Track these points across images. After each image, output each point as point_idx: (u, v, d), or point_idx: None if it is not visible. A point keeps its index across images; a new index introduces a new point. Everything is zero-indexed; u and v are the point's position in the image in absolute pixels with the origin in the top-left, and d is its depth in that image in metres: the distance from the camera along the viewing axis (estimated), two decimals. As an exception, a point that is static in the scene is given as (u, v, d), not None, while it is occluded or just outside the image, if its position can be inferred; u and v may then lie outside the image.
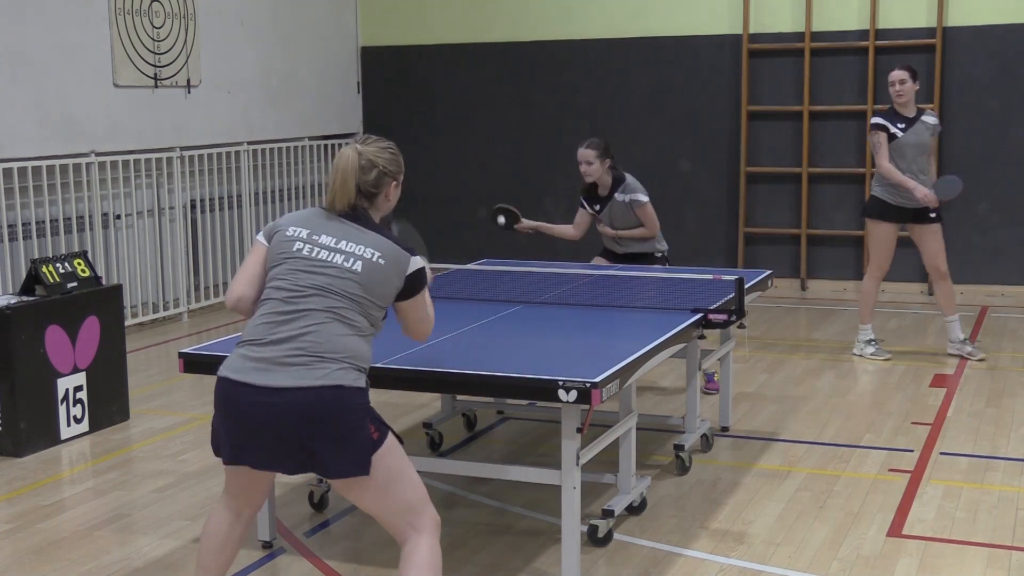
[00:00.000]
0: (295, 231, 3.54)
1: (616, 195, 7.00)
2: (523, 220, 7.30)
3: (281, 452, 3.41)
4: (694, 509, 5.14)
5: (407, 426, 6.45)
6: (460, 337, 4.87)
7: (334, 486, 3.52)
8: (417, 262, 3.58)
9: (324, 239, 3.50)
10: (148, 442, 6.29)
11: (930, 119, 7.74)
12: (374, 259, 3.48)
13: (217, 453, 3.57)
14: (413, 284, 3.57)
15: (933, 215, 7.75)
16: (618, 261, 7.14)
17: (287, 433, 3.36)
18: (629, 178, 7.03)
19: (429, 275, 3.88)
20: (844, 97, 10.48)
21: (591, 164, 6.96)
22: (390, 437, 3.48)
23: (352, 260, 3.47)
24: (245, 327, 3.54)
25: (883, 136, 7.59)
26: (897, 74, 7.65)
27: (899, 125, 7.62)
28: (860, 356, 7.92)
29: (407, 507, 3.49)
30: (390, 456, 3.46)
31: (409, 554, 3.50)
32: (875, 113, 7.93)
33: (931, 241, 7.80)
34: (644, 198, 6.96)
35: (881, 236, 7.85)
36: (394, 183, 3.64)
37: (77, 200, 8.74)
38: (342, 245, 3.49)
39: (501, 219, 7.28)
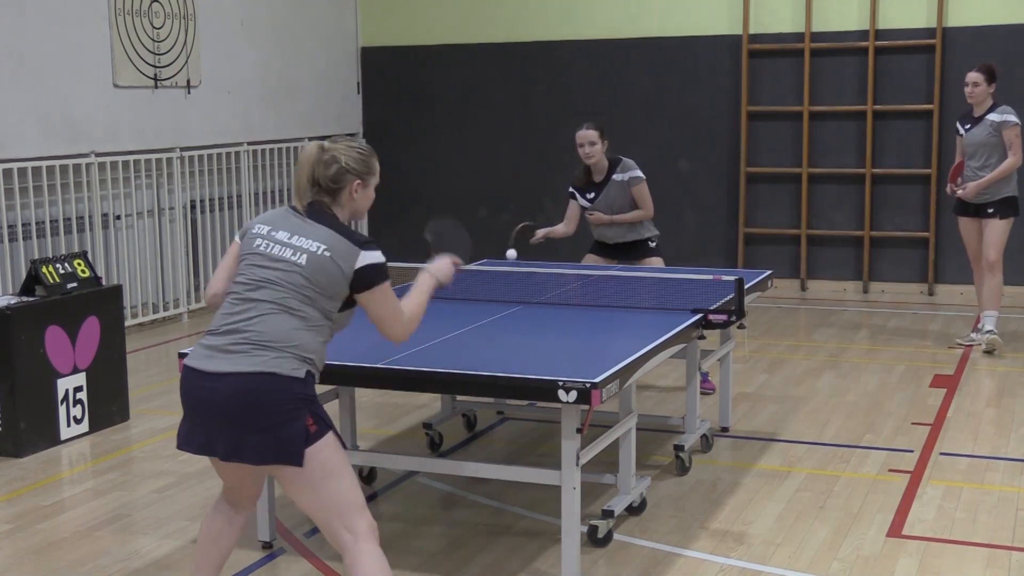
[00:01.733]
0: (260, 228, 3.64)
1: (614, 176, 6.97)
2: (537, 232, 7.26)
3: (215, 435, 3.47)
4: (694, 509, 5.14)
5: (407, 426, 6.46)
6: (460, 337, 4.88)
7: (275, 476, 3.54)
8: (368, 257, 3.56)
9: (280, 235, 3.59)
10: (148, 442, 6.29)
11: (995, 117, 7.92)
12: (319, 252, 3.53)
13: (178, 444, 3.63)
14: (364, 278, 3.56)
15: (991, 211, 8.05)
16: (611, 252, 7.10)
17: (220, 416, 3.44)
18: (625, 158, 7.02)
19: (447, 271, 3.90)
20: (844, 97, 10.48)
21: (594, 144, 6.92)
22: (330, 435, 3.50)
23: (299, 254, 3.54)
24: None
25: (957, 137, 8.19)
26: (970, 76, 7.98)
27: (966, 125, 8.07)
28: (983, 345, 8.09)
29: (341, 508, 3.49)
30: (326, 452, 3.47)
31: (352, 564, 3.49)
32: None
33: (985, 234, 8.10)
34: (642, 175, 6.95)
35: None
36: (358, 182, 3.65)
37: (77, 200, 8.74)
38: (293, 240, 3.57)
39: (511, 253, 6.83)
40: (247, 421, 3.42)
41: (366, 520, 3.52)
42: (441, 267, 3.93)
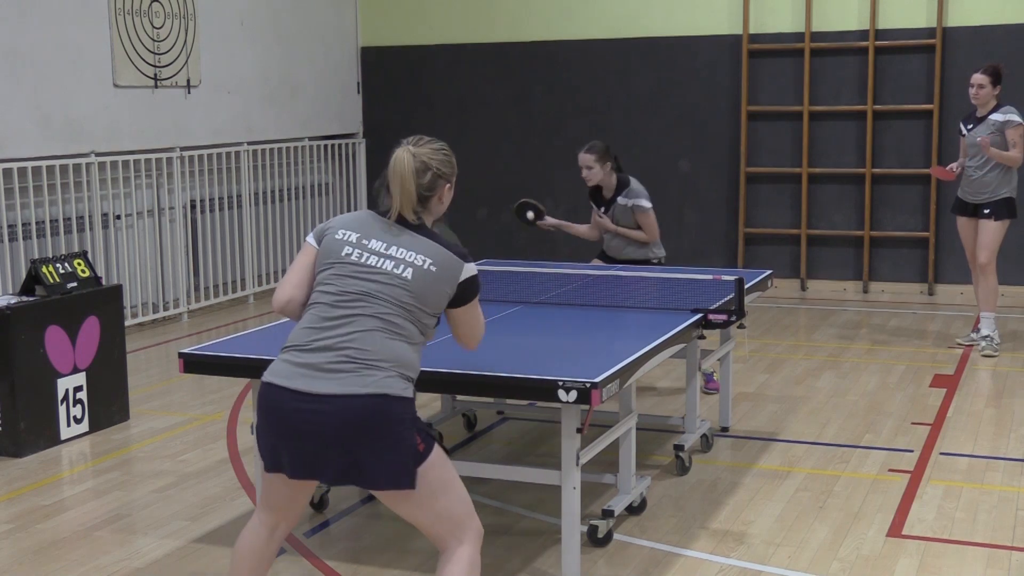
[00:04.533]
0: (345, 234, 3.45)
1: (619, 199, 6.97)
2: (547, 218, 7.26)
3: (322, 460, 3.31)
4: (694, 509, 5.14)
5: (407, 426, 6.44)
6: (460, 337, 4.87)
7: (380, 497, 3.44)
8: (470, 269, 3.47)
9: (374, 244, 3.41)
10: (148, 442, 6.29)
11: (998, 116, 7.93)
12: (425, 266, 3.38)
13: (262, 461, 3.47)
14: (465, 291, 3.47)
15: (987, 211, 8.05)
16: (615, 263, 7.12)
17: (330, 441, 3.27)
18: (633, 182, 7.00)
19: None
20: (844, 97, 10.48)
21: (591, 168, 6.94)
22: (436, 449, 3.39)
23: (403, 267, 3.38)
24: (291, 332, 3.46)
25: (961, 138, 8.22)
26: (975, 78, 7.99)
27: (969, 125, 8.10)
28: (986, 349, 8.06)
29: (452, 519, 3.40)
30: (435, 468, 3.36)
31: (446, 562, 3.42)
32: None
33: (979, 236, 8.12)
34: (647, 204, 6.92)
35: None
36: (448, 185, 3.55)
37: (77, 200, 8.74)
38: (392, 251, 3.40)
39: (530, 214, 7.17)
40: (361, 445, 3.26)
41: (475, 528, 3.45)
42: None
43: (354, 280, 3.37)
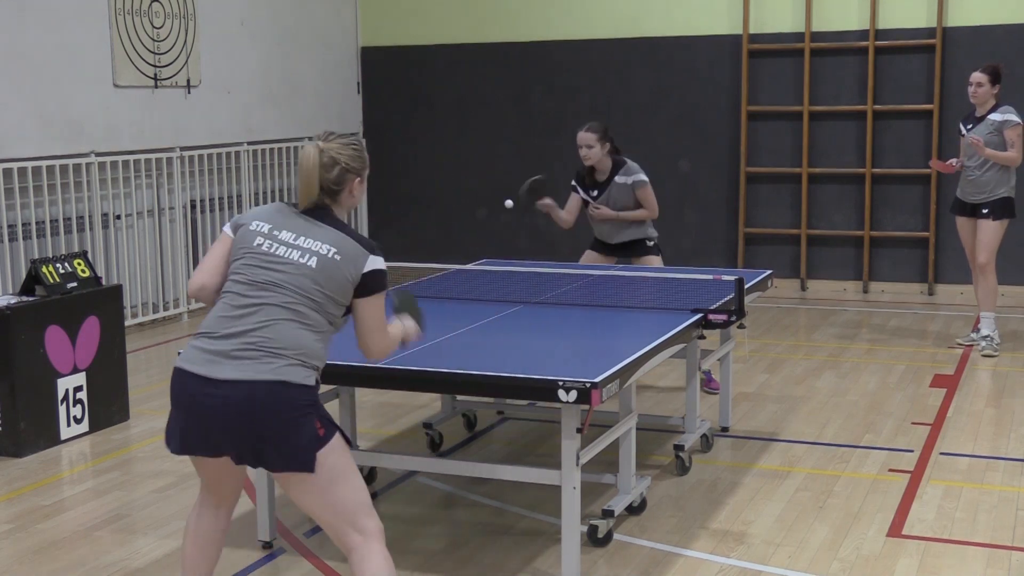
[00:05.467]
0: (258, 225, 3.54)
1: (617, 178, 6.97)
2: (545, 200, 7.20)
3: (226, 442, 3.42)
4: (694, 509, 5.14)
5: (407, 426, 6.45)
6: (460, 337, 4.87)
7: (280, 483, 3.50)
8: (376, 261, 3.53)
9: (284, 235, 3.50)
10: (148, 442, 6.28)
11: (997, 116, 7.91)
12: (330, 255, 3.46)
13: (168, 445, 3.56)
14: (370, 282, 3.52)
15: (985, 211, 8.03)
16: (611, 250, 7.11)
17: (231, 425, 3.38)
18: (629, 161, 7.03)
19: (413, 335, 3.80)
20: (844, 97, 10.47)
21: (592, 147, 6.94)
22: (337, 437, 3.46)
23: (308, 256, 3.46)
24: (204, 319, 3.56)
25: (960, 138, 8.18)
26: (974, 76, 7.96)
27: (968, 125, 8.07)
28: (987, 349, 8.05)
29: (350, 509, 3.45)
30: (335, 455, 3.43)
31: (360, 562, 3.45)
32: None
33: (978, 235, 8.11)
34: (646, 179, 6.97)
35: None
36: (357, 179, 3.61)
37: (77, 200, 8.74)
38: (300, 241, 3.49)
39: (532, 184, 7.04)
40: (259, 430, 3.36)
41: (374, 520, 3.49)
42: (410, 330, 3.82)
43: (262, 270, 3.47)
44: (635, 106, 11.07)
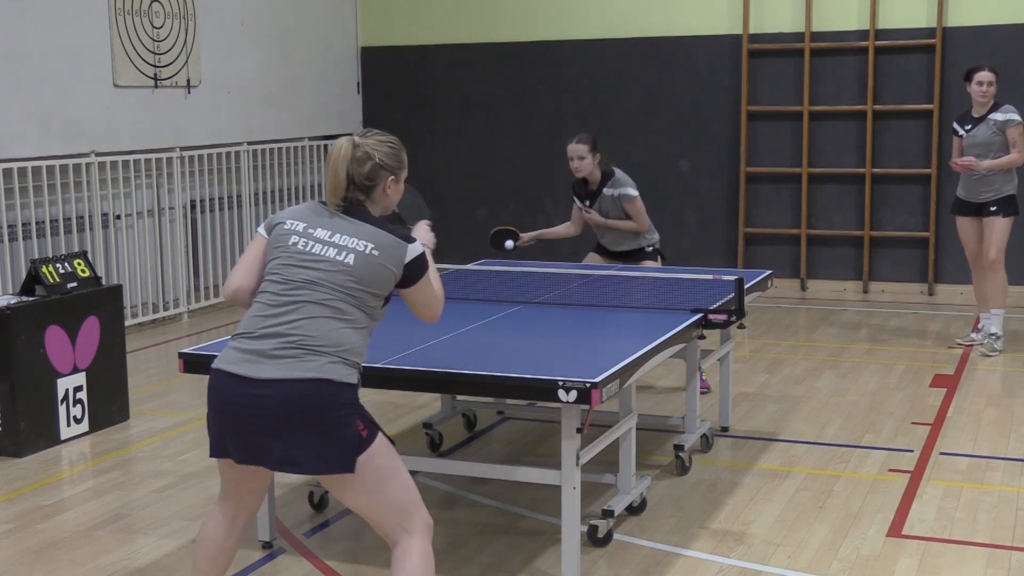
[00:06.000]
0: (293, 224, 3.52)
1: (604, 190, 6.99)
2: (522, 235, 7.25)
3: (264, 444, 3.36)
4: (694, 509, 5.14)
5: (407, 426, 6.45)
6: (460, 337, 4.87)
7: (326, 484, 3.49)
8: (415, 248, 3.52)
9: (319, 233, 3.48)
10: (148, 442, 6.29)
11: (999, 116, 7.90)
12: (367, 251, 3.44)
13: (211, 452, 3.53)
14: (413, 271, 3.53)
15: (993, 208, 8.00)
16: (612, 256, 7.14)
17: (272, 425, 3.33)
18: (618, 172, 7.02)
19: (430, 236, 3.91)
20: (844, 97, 10.48)
21: (583, 159, 6.95)
22: (380, 437, 3.44)
23: (345, 253, 3.44)
24: (242, 320, 3.52)
25: (955, 139, 8.11)
26: (985, 75, 7.91)
27: (967, 126, 8.03)
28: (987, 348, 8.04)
29: (398, 509, 3.45)
30: (379, 456, 3.41)
31: (400, 558, 3.45)
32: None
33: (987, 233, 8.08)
34: (633, 192, 6.94)
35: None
36: (392, 177, 3.59)
37: (77, 200, 8.74)
38: (336, 238, 3.46)
39: (509, 243, 7.14)
40: (301, 429, 3.31)
41: (421, 518, 3.48)
42: (425, 235, 3.92)
43: (299, 268, 3.45)
44: (635, 106, 11.07)
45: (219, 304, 10.06)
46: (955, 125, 8.19)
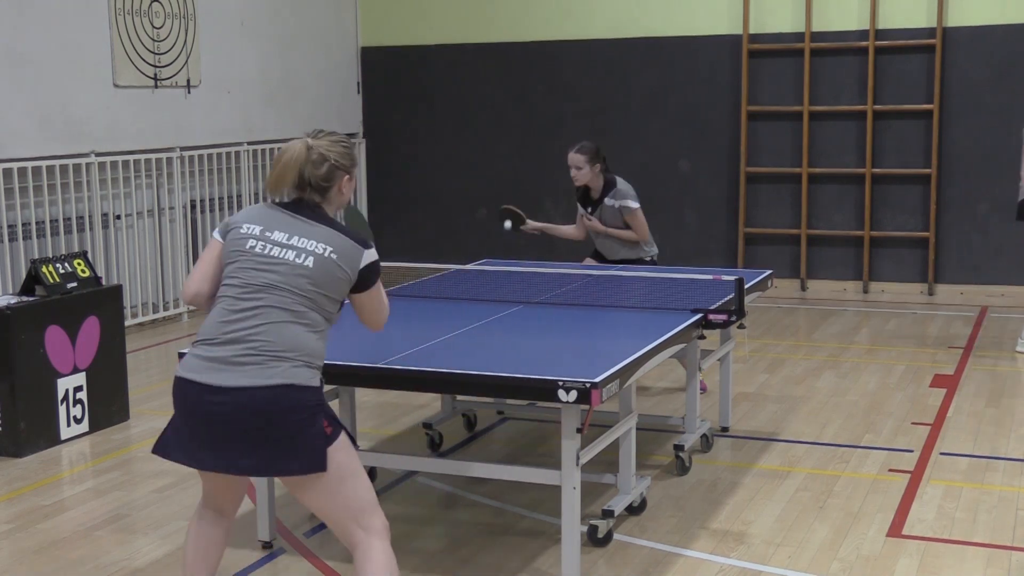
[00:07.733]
0: (249, 228, 3.51)
1: (606, 200, 6.97)
2: (528, 222, 7.28)
3: (234, 452, 3.37)
4: (694, 509, 5.14)
5: (407, 426, 6.45)
6: (460, 337, 4.87)
7: (286, 485, 3.49)
8: (370, 255, 3.53)
9: (276, 235, 3.47)
10: (148, 442, 6.28)
11: None
12: (325, 254, 3.44)
13: (162, 454, 3.51)
14: (366, 277, 3.53)
15: None
16: (608, 262, 7.12)
17: (239, 432, 3.33)
18: (620, 182, 6.99)
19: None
20: (844, 97, 10.47)
21: (580, 169, 6.95)
22: (343, 435, 3.46)
23: (304, 256, 3.44)
24: (202, 325, 3.52)
25: None
26: None
27: None
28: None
29: (359, 508, 3.45)
30: (342, 453, 3.43)
31: (364, 558, 3.45)
32: None
33: None
34: (634, 204, 6.92)
35: None
36: (347, 176, 3.60)
37: (77, 200, 8.74)
38: (294, 241, 3.46)
39: (507, 223, 7.24)
40: (268, 435, 3.33)
41: (380, 518, 3.49)
42: None
43: (258, 272, 3.44)
44: (635, 106, 11.07)
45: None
46: None
